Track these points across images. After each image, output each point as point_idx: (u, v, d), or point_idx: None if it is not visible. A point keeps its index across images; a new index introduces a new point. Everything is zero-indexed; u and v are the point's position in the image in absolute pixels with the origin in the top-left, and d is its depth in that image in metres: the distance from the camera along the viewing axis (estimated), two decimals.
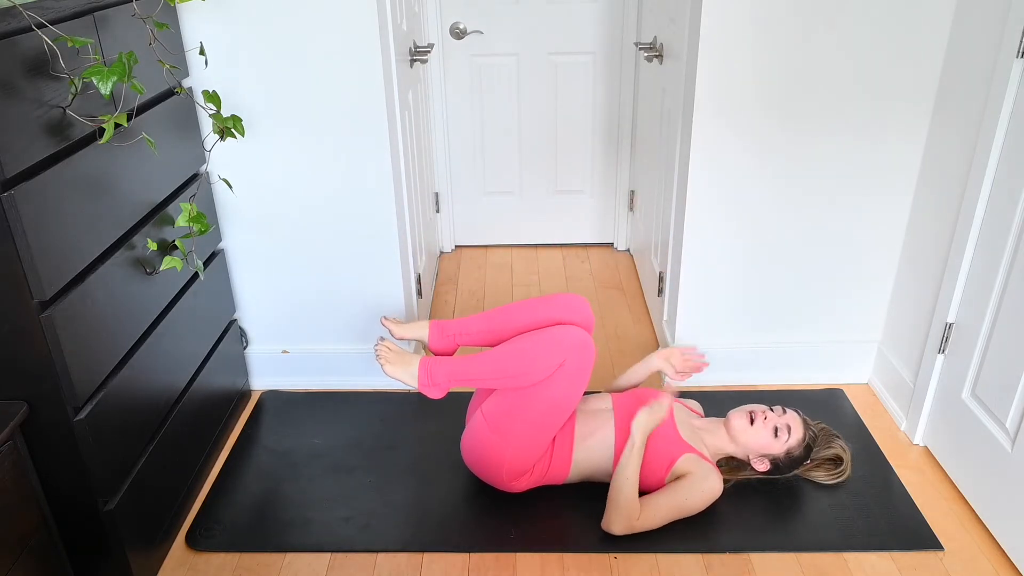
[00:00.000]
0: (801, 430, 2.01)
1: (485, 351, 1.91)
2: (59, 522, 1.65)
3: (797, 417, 2.02)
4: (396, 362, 1.92)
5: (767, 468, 2.00)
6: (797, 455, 2.00)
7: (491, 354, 1.89)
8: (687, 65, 2.21)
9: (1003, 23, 1.84)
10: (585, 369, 1.86)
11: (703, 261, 2.35)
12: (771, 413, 2.01)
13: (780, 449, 1.99)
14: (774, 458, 2.00)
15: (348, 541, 1.93)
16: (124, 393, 1.71)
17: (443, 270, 3.40)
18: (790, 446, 1.99)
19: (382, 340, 1.96)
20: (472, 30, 3.16)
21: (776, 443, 1.98)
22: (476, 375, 1.88)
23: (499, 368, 1.86)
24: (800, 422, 2.02)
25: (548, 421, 1.89)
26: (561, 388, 1.85)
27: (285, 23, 2.06)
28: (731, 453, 2.03)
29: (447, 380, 1.90)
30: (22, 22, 1.39)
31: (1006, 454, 1.86)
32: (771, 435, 1.98)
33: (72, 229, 1.52)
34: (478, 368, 1.88)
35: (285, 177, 2.25)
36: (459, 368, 1.89)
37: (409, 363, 1.92)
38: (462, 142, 3.37)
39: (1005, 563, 1.85)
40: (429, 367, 1.91)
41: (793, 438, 1.99)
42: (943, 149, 2.11)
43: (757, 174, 2.23)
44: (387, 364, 1.92)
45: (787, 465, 2.01)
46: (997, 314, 1.90)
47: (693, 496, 1.89)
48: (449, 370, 1.90)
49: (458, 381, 1.90)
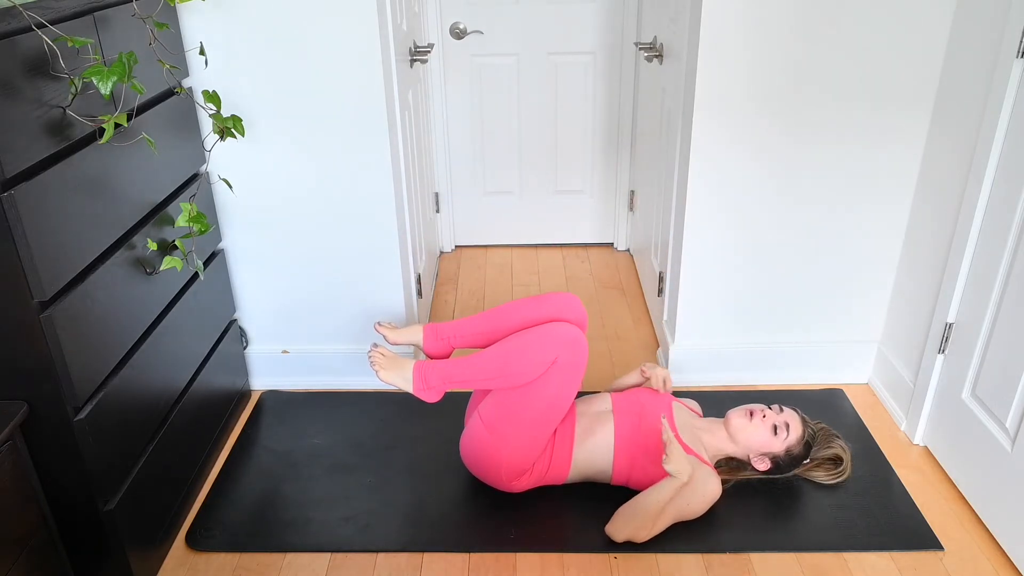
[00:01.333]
0: (800, 428, 2.01)
1: (479, 352, 1.92)
2: (59, 522, 1.65)
3: (796, 415, 2.02)
4: (390, 367, 1.93)
5: (768, 467, 2.00)
6: (797, 453, 2.00)
7: (484, 354, 1.89)
8: (687, 65, 2.21)
9: (1003, 23, 1.84)
10: (578, 365, 1.86)
11: (703, 261, 2.35)
12: (770, 411, 2.01)
13: (780, 447, 1.99)
14: (774, 456, 2.00)
15: (348, 541, 1.93)
16: (124, 393, 1.71)
17: (443, 270, 3.40)
18: (789, 444, 1.99)
19: (375, 346, 1.97)
20: (472, 30, 3.16)
21: (775, 441, 1.99)
22: (470, 376, 1.88)
23: (492, 368, 1.86)
24: (799, 420, 2.02)
25: (544, 420, 1.89)
26: (555, 385, 1.85)
27: (285, 23, 2.06)
28: (731, 453, 2.03)
29: (441, 383, 1.90)
30: (22, 22, 1.39)
31: (1006, 454, 1.86)
32: (770, 433, 1.99)
33: (72, 229, 1.52)
34: (472, 369, 1.88)
35: (285, 177, 2.25)
36: (453, 371, 1.90)
37: (403, 367, 1.93)
38: (462, 142, 3.37)
39: (1005, 563, 1.85)
40: (423, 371, 1.91)
41: (792, 436, 1.99)
42: (943, 149, 2.11)
43: (757, 174, 2.23)
44: (381, 370, 1.92)
45: (787, 464, 2.01)
46: (997, 314, 1.90)
47: (694, 501, 1.89)
48: (443, 373, 1.90)
49: (453, 383, 1.90)
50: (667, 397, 2.08)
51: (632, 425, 1.98)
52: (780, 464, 2.01)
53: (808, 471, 2.07)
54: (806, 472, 2.07)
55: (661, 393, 2.09)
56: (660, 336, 2.71)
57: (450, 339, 2.06)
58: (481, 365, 1.87)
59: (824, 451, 2.07)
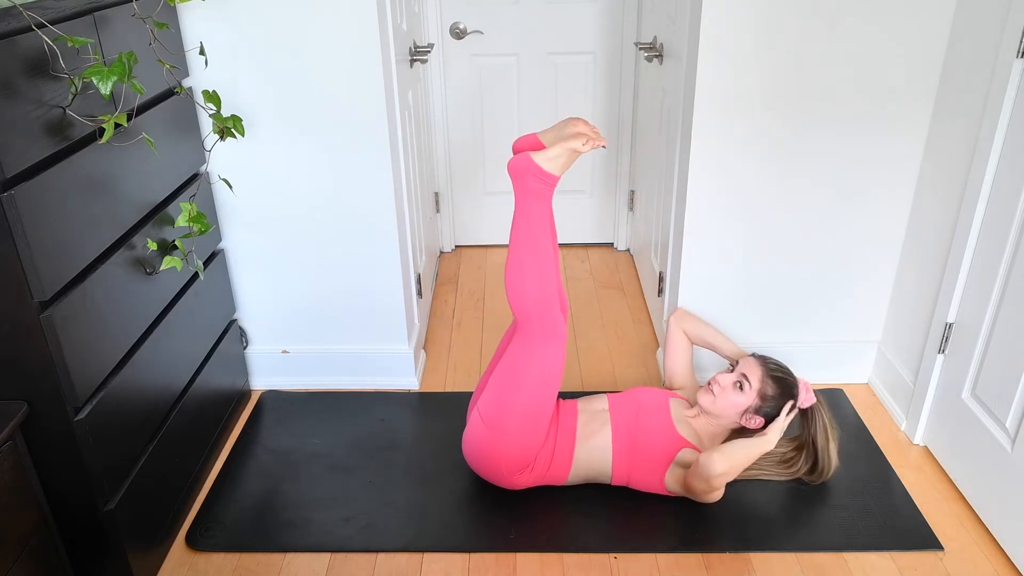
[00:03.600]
0: (758, 370, 1.99)
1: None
2: (59, 522, 1.65)
3: (749, 361, 2.01)
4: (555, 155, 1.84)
5: (759, 423, 1.98)
6: (772, 392, 1.97)
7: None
8: (687, 65, 2.21)
9: (1003, 23, 1.84)
10: (555, 326, 1.87)
11: (703, 261, 2.35)
12: (724, 374, 2.01)
13: (751, 399, 1.97)
14: (756, 409, 1.98)
15: (348, 541, 1.93)
16: (124, 393, 1.71)
17: (443, 270, 3.40)
18: (757, 390, 1.97)
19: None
20: (472, 30, 3.16)
21: (744, 396, 1.97)
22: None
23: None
24: (753, 363, 2.00)
25: (537, 403, 1.90)
26: (539, 363, 1.87)
27: (285, 23, 2.06)
28: (726, 427, 2.03)
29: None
30: (22, 22, 1.39)
31: (1006, 454, 1.86)
32: (736, 392, 1.98)
33: (72, 229, 1.52)
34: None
35: (285, 177, 2.25)
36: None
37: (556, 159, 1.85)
38: (462, 142, 3.37)
39: (1005, 563, 1.85)
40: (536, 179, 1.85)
41: (754, 382, 1.97)
42: (943, 149, 2.11)
43: (757, 174, 2.23)
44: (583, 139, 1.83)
45: (774, 407, 1.97)
46: (997, 314, 1.90)
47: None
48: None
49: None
50: (665, 393, 2.09)
51: (628, 425, 1.99)
52: (768, 412, 1.98)
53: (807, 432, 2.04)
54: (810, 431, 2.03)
55: (659, 391, 2.10)
56: (660, 336, 2.71)
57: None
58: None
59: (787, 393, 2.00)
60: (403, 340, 2.49)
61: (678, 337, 2.25)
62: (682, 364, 2.24)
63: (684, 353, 2.25)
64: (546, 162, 1.82)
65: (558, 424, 2.01)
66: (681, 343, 2.25)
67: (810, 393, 2.00)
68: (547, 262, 1.87)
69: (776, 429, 1.93)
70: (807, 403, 2.00)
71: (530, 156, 1.82)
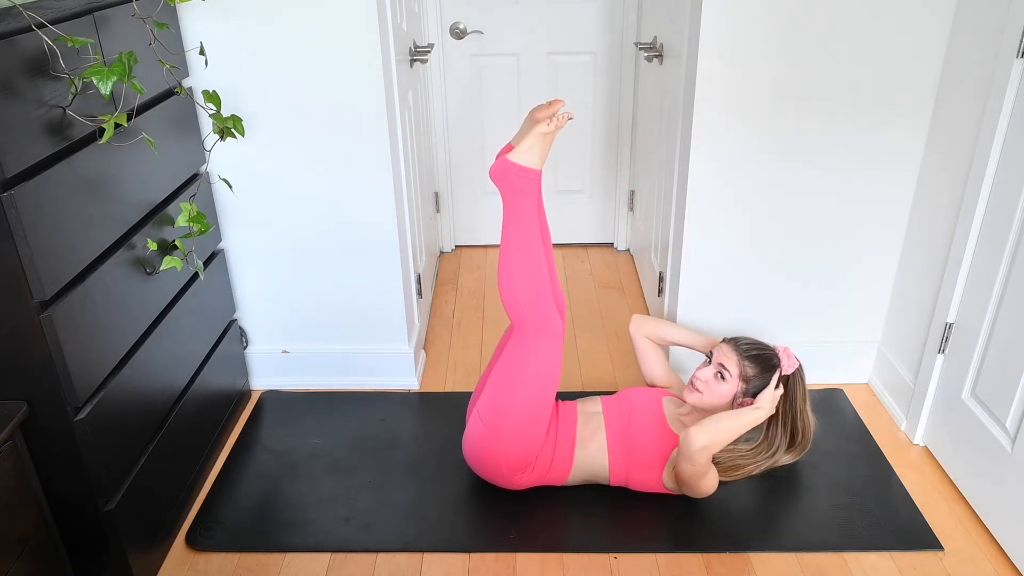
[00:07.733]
0: (733, 355, 1.99)
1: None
2: (59, 522, 1.65)
3: (724, 349, 2.01)
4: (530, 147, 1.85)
5: (750, 403, 1.97)
6: (753, 372, 1.97)
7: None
8: (687, 65, 2.21)
9: (1003, 23, 1.84)
10: (549, 323, 1.88)
11: (703, 261, 2.35)
12: (702, 369, 2.01)
13: (734, 386, 1.97)
14: (744, 392, 1.97)
15: (348, 541, 1.93)
16: (124, 393, 1.71)
17: (443, 270, 3.40)
18: (738, 374, 1.97)
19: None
20: (472, 30, 3.16)
21: (728, 384, 1.97)
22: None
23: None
24: (727, 349, 2.00)
25: (536, 399, 1.89)
26: (535, 361, 1.87)
27: (285, 23, 2.06)
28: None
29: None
30: (22, 22, 1.39)
31: (1006, 454, 1.86)
32: (718, 383, 1.98)
33: (72, 229, 1.52)
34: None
35: (285, 177, 2.25)
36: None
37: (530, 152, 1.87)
38: (462, 142, 3.37)
39: (1005, 563, 1.85)
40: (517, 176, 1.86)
41: (732, 368, 1.97)
42: (943, 149, 2.11)
43: (757, 175, 2.23)
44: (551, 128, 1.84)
45: (758, 385, 1.96)
46: (997, 314, 1.90)
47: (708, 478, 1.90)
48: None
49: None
50: (658, 392, 2.09)
51: (622, 426, 1.99)
52: (756, 389, 1.97)
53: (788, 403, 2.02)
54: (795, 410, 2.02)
55: (652, 390, 2.10)
56: None
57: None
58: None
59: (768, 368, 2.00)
60: (403, 340, 2.49)
61: (643, 345, 2.24)
62: (658, 369, 2.23)
63: (655, 358, 2.24)
64: (520, 157, 1.83)
65: (558, 424, 2.01)
66: (648, 349, 2.24)
67: (791, 358, 1.99)
68: (537, 259, 1.87)
69: (767, 398, 1.93)
70: (791, 368, 1.98)
71: (506, 156, 1.84)
